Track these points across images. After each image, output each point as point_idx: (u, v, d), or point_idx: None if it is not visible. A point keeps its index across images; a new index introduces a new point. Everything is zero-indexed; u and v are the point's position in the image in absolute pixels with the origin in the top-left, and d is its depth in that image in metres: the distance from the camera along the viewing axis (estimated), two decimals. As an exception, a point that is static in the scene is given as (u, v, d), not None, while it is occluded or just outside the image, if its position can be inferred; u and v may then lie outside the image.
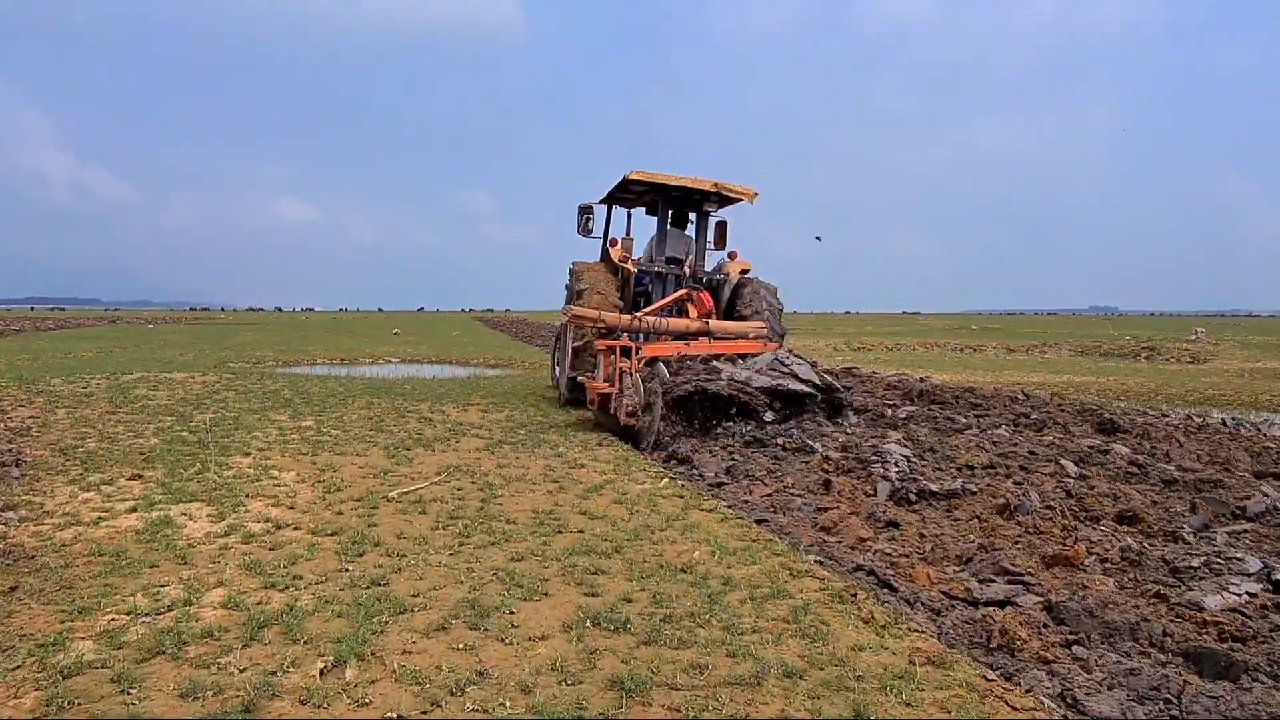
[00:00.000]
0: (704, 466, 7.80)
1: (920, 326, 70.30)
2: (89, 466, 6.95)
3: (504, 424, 10.10)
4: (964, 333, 53.63)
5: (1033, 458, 8.11)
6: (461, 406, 11.70)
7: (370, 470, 7.10)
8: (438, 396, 12.73)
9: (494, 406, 11.78)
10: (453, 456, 7.85)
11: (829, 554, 5.10)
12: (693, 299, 11.90)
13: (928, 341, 41.96)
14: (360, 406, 11.23)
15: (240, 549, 4.80)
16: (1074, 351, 35.75)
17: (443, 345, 32.46)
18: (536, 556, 4.73)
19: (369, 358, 25.82)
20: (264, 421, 9.70)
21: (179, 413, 10.23)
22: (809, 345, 38.37)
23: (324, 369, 21.56)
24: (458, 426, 9.72)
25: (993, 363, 26.67)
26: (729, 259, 13.12)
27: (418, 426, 9.65)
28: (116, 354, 23.85)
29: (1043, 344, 39.93)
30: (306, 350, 27.86)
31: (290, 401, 11.58)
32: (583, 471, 7.33)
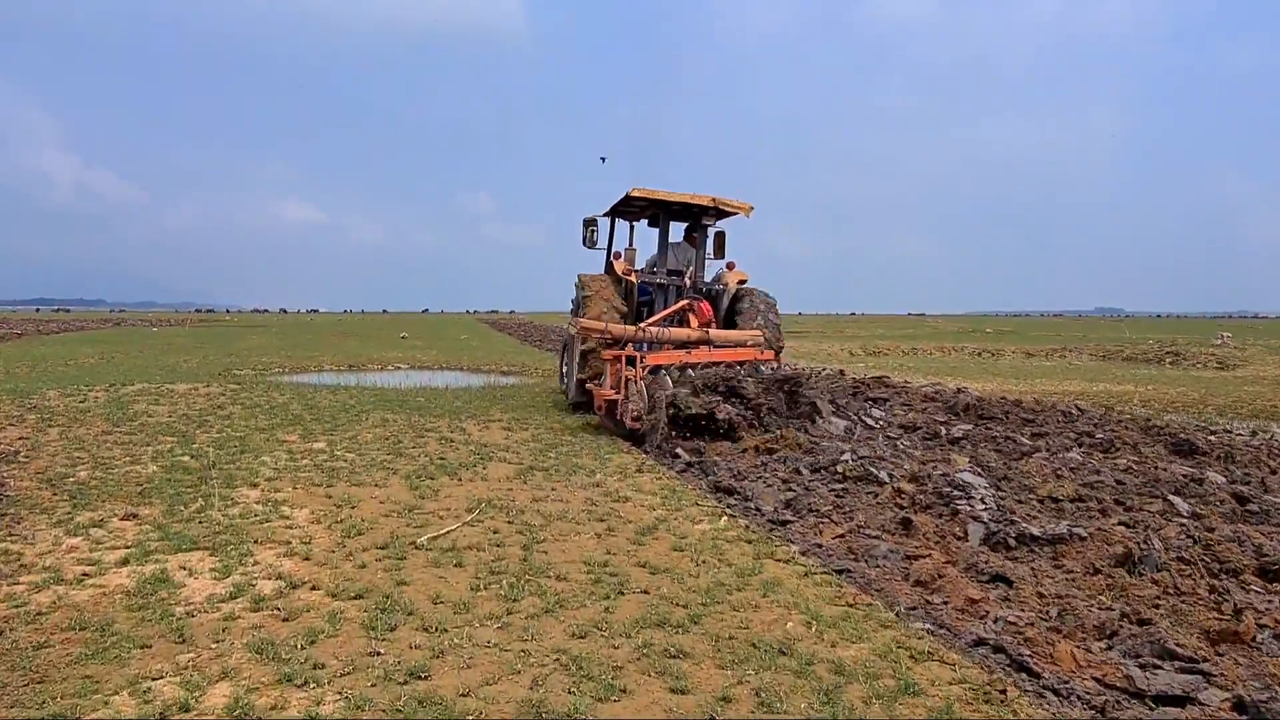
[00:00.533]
0: (759, 499, 7.03)
1: (930, 329, 69.46)
2: (79, 502, 6.21)
3: (531, 445, 9.34)
4: (978, 336, 52.79)
5: (1121, 488, 7.33)
6: (482, 423, 10.95)
7: (392, 506, 6.34)
8: (455, 411, 11.98)
9: (517, 423, 11.03)
10: (481, 488, 7.10)
11: (937, 619, 4.34)
12: (693, 309, 12.36)
13: (943, 345, 41.11)
14: (374, 424, 10.48)
15: (249, 619, 4.04)
16: (1095, 356, 34.89)
17: (452, 350, 31.72)
18: (601, 631, 3.97)
19: (377, 364, 25.11)
20: (272, 443, 8.95)
21: (180, 432, 9.48)
22: (822, 349, 37.59)
23: (332, 377, 20.84)
24: (482, 449, 8.96)
25: (1020, 369, 25.80)
26: (727, 269, 13.65)
27: (439, 449, 8.90)
28: (118, 360, 23.15)
29: (1062, 348, 39.11)
30: (313, 356, 27.15)
31: (299, 418, 10.84)
32: (628, 506, 6.57)
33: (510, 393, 15.68)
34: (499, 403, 13.50)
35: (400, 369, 24.14)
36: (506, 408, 12.77)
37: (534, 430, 10.49)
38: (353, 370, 23.53)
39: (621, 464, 8.37)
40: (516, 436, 9.95)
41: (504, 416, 11.65)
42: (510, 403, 13.61)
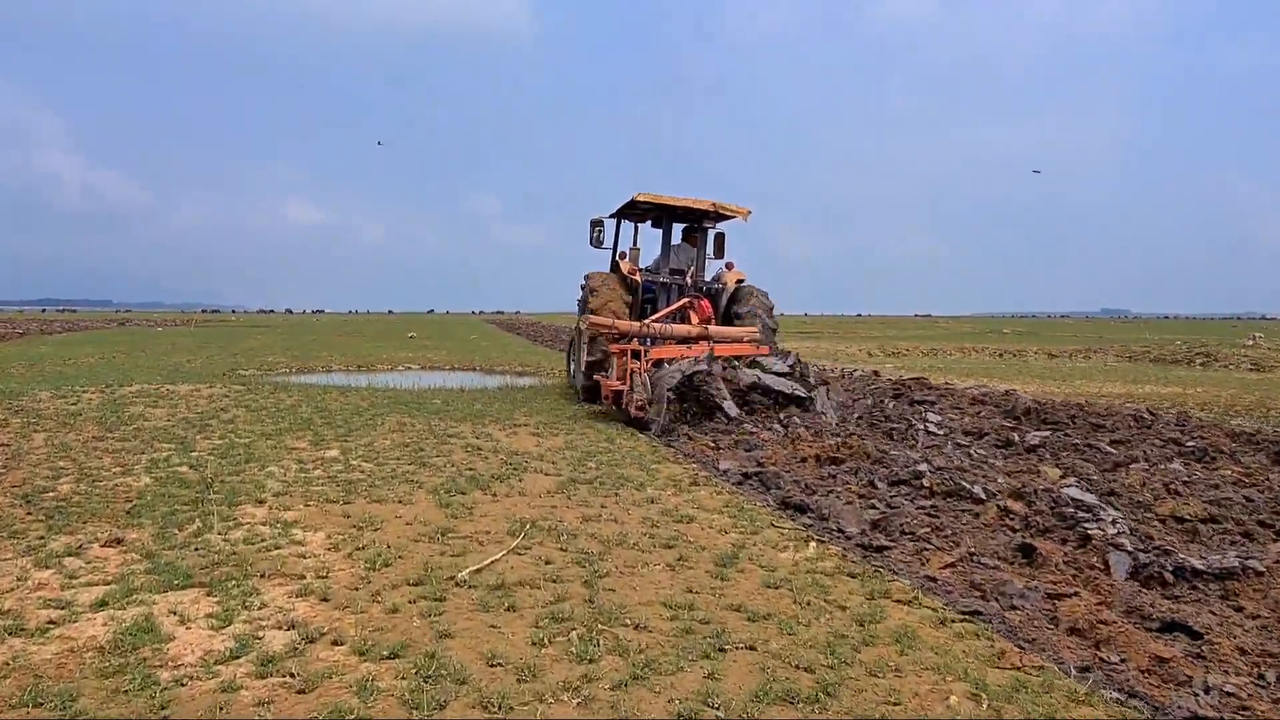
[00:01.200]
0: (839, 518, 6.10)
1: (941, 330, 68.42)
2: (56, 523, 5.30)
3: (567, 454, 8.42)
4: (994, 337, 51.76)
5: (1251, 505, 6.40)
6: (508, 428, 10.05)
7: (421, 527, 5.43)
8: (477, 414, 11.08)
9: (545, 428, 10.12)
10: (521, 504, 6.18)
11: (1124, 684, 3.41)
12: (694, 306, 12.98)
13: (962, 346, 40.10)
14: (392, 429, 9.58)
15: (254, 691, 3.12)
16: (1121, 357, 33.87)
17: (463, 350, 30.83)
18: (712, 706, 3.05)
19: (387, 364, 24.24)
20: (280, 451, 8.05)
21: (179, 438, 8.58)
22: (840, 350, 36.63)
23: (341, 377, 19.96)
24: (513, 457, 8.05)
25: (1054, 370, 24.79)
26: (726, 269, 14.17)
27: (465, 457, 7.98)
28: (119, 360, 22.30)
29: (1086, 349, 38.10)
30: (321, 356, 26.30)
31: (309, 421, 9.94)
32: (695, 528, 5.64)
33: (531, 394, 14.78)
34: (521, 405, 12.59)
35: (411, 369, 23.27)
36: (531, 411, 11.86)
37: (566, 436, 9.58)
38: (362, 370, 22.67)
39: (672, 475, 7.45)
40: (548, 443, 9.03)
41: (530, 420, 10.74)
42: (534, 405, 12.70)
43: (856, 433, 9.53)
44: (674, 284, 13.84)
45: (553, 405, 12.76)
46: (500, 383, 18.78)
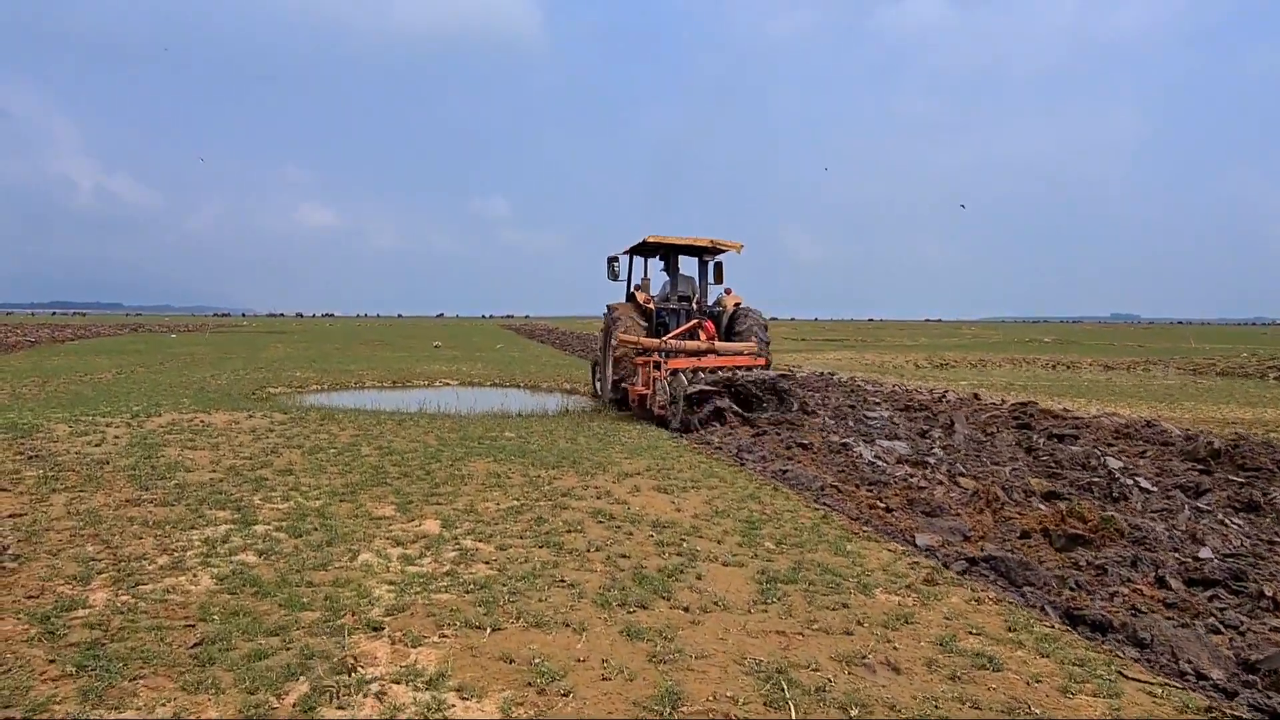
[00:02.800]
0: (1178, 648, 4.34)
1: (969, 337, 66.39)
2: (91, 683, 3.57)
3: (720, 521, 6.68)
4: (1034, 346, 49.85)
5: None
6: (619, 478, 8.32)
7: (626, 685, 3.67)
8: (570, 457, 9.36)
9: (662, 476, 8.41)
10: (732, 627, 4.42)
11: None
12: (701, 326, 14.92)
13: (1013, 357, 38.19)
14: (483, 482, 7.84)
15: None
16: (1183, 370, 31.98)
17: (498, 363, 29.13)
18: None
19: (424, 379, 22.57)
20: (365, 523, 6.30)
21: (233, 501, 6.84)
22: (886, 360, 34.80)
23: (380, 396, 18.26)
24: (661, 531, 6.30)
25: (1141, 388, 22.88)
26: (725, 294, 16.25)
27: (603, 533, 6.23)
28: (139, 375, 20.65)
29: (1144, 361, 36.16)
30: (349, 370, 24.62)
31: (380, 471, 8.21)
32: (1012, 681, 3.89)
33: (604, 422, 13.04)
34: (608, 440, 10.86)
35: (450, 385, 21.59)
36: (626, 449, 10.13)
37: (696, 491, 7.83)
38: (399, 386, 21.00)
39: (887, 564, 5.68)
40: (686, 504, 7.29)
41: (636, 465, 9.01)
42: (619, 438, 10.98)
43: (1051, 488, 7.75)
44: (682, 309, 16.10)
45: (641, 440, 11.03)
46: (557, 403, 17.06)
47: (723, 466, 9.34)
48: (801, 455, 10.19)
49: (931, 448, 10.63)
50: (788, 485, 8.43)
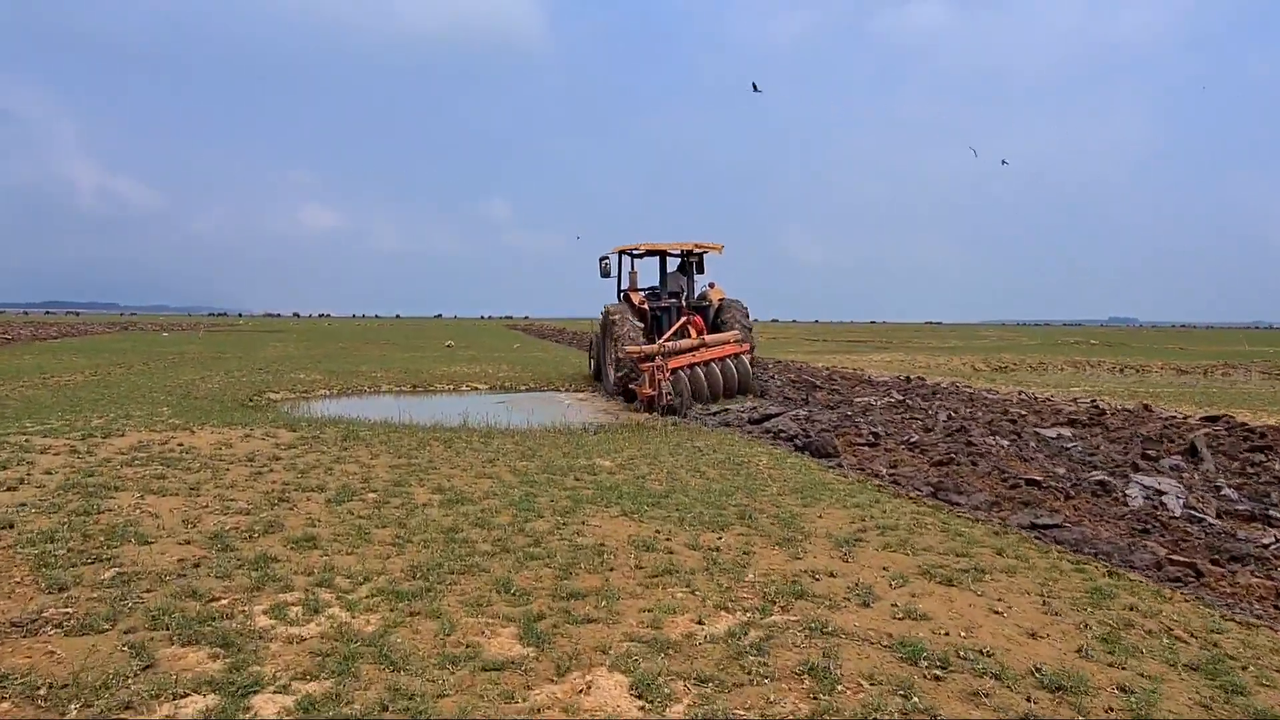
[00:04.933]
0: None
1: (997, 340, 63.19)
2: None
3: (1100, 645, 3.58)
4: (1082, 348, 46.67)
5: None
6: (834, 546, 5.20)
7: None
8: (715, 501, 6.25)
9: (885, 533, 5.31)
10: None
11: None
12: (691, 322, 16.54)
13: (1076, 360, 35.00)
14: (640, 563, 4.71)
15: None
16: (1266, 375, 28.88)
17: (519, 362, 25.86)
18: None
19: (447, 383, 19.36)
20: (480, 686, 3.17)
21: (214, 627, 3.62)
22: (940, 363, 31.62)
23: (405, 404, 15.11)
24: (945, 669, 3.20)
25: (1259, 394, 19.70)
26: (710, 288, 17.65)
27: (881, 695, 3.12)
28: (115, 377, 17.44)
29: (1222, 364, 32.97)
30: (360, 370, 21.40)
31: (462, 541, 5.08)
32: None
33: (685, 435, 9.87)
34: (729, 466, 7.72)
35: (479, 390, 18.41)
36: (764, 479, 7.01)
37: (994, 583, 4.70)
38: (421, 391, 17.83)
39: None
40: (1020, 616, 4.17)
41: (831, 516, 5.89)
42: (740, 460, 7.82)
43: None
44: (673, 306, 17.43)
45: (753, 458, 7.89)
46: (607, 415, 13.92)
47: (954, 519, 6.22)
48: (1039, 497, 7.07)
49: (1216, 485, 7.51)
50: (1079, 553, 5.38)
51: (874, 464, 8.86)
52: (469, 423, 11.37)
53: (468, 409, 13.31)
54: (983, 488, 7.56)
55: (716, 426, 12.19)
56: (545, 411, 14.38)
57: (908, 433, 11.00)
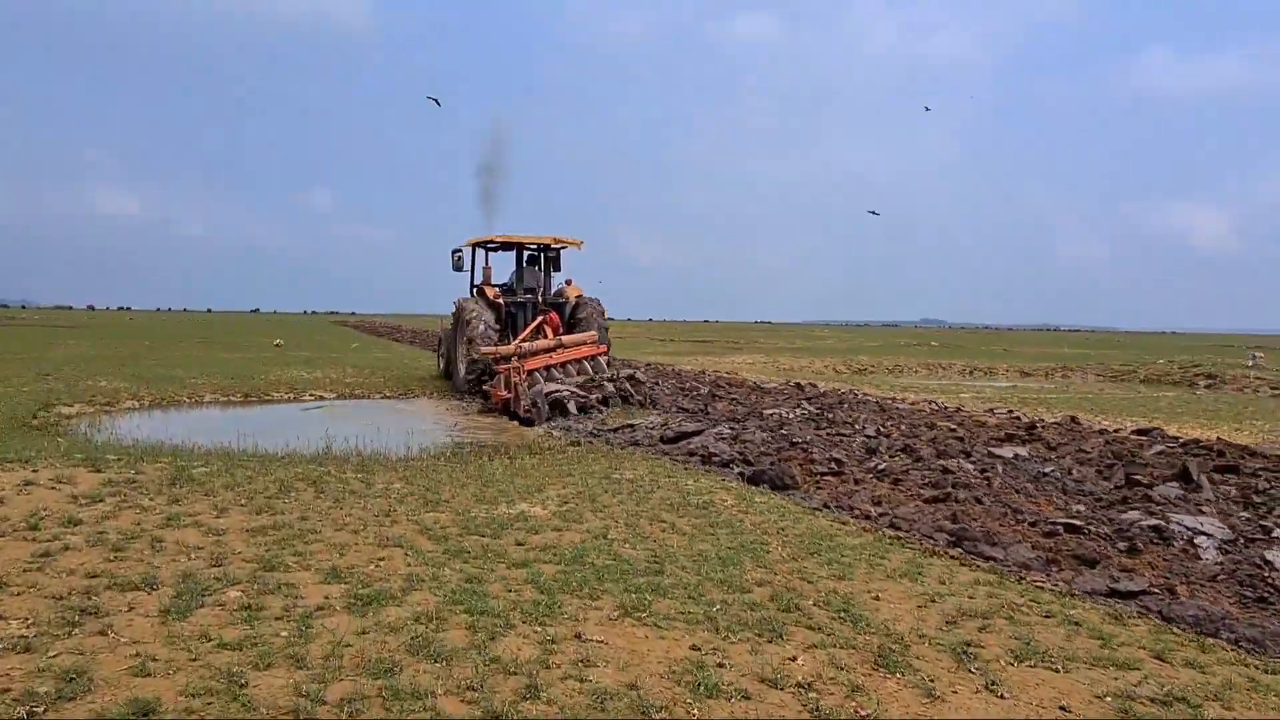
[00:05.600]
0: None
1: (832, 340, 64.86)
2: None
3: None
4: (923, 350, 48.27)
5: None
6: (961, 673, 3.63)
7: None
8: (732, 581, 4.58)
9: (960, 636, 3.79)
10: None
11: None
12: (548, 320, 16.44)
13: (928, 362, 35.80)
14: (656, 686, 2.97)
15: None
16: (1103, 377, 30.41)
17: (368, 367, 23.04)
18: None
19: (285, 389, 16.61)
20: None
21: None
22: (805, 365, 31.34)
23: (241, 418, 12.44)
24: None
25: (1130, 402, 20.08)
26: (566, 284, 17.54)
27: None
28: None
29: (1061, 367, 34.56)
30: (176, 376, 18.11)
31: (392, 676, 3.14)
32: None
33: (645, 465, 8.09)
34: (715, 516, 6.06)
35: (326, 399, 15.83)
36: (780, 561, 5.41)
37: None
38: (256, 402, 15.10)
39: None
40: None
41: (895, 599, 4.35)
42: (761, 548, 6.16)
43: None
44: (528, 302, 17.11)
45: (731, 517, 6.29)
46: (485, 430, 11.93)
47: (1038, 593, 4.80)
48: (1091, 549, 5.80)
49: (1263, 525, 6.52)
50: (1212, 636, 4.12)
51: (853, 499, 7.42)
52: (333, 448, 9.10)
53: (324, 427, 10.91)
54: (1009, 534, 6.23)
55: (625, 446, 10.49)
56: (407, 423, 12.17)
57: (847, 452, 9.71)
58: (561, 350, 14.68)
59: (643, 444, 10.80)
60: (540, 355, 14.43)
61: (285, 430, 10.87)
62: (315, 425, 11.40)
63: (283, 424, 12.23)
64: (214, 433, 10.19)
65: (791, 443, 10.15)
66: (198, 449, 8.67)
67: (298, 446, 9.16)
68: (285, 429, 11.06)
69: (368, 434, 10.22)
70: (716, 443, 10.30)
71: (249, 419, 12.81)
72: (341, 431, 10.24)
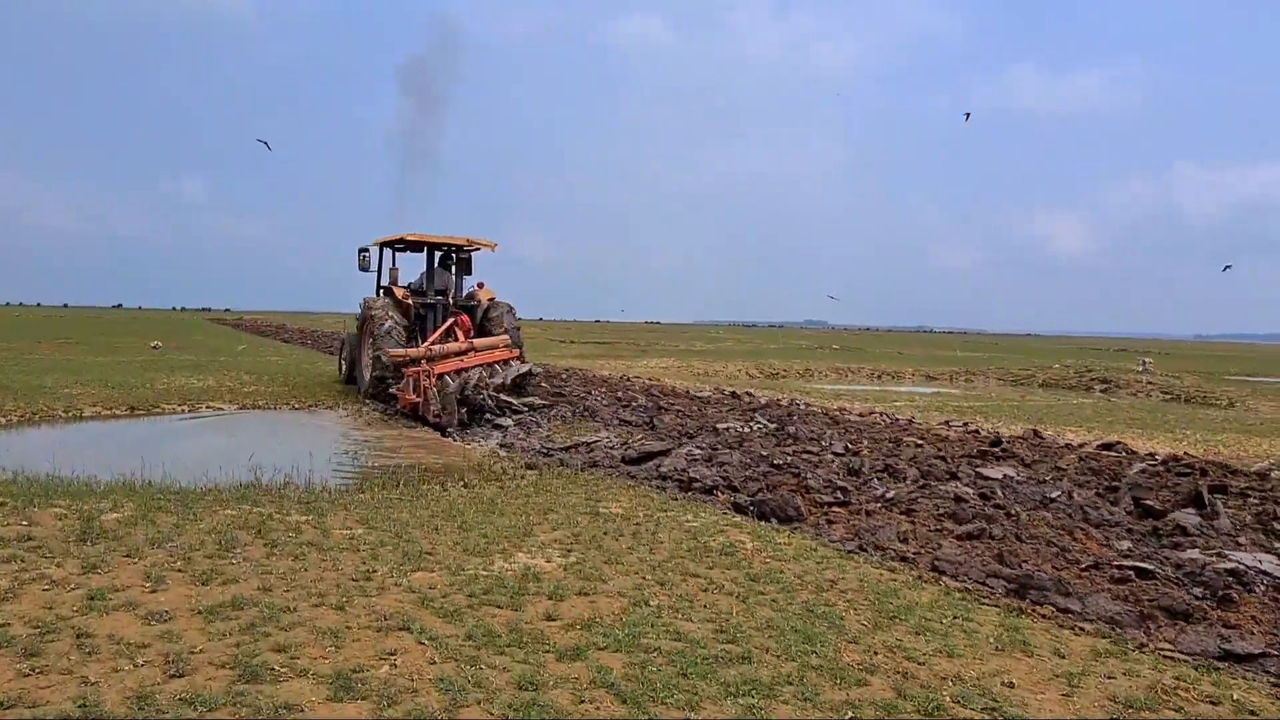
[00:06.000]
0: None
1: (733, 342, 65.07)
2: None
3: None
4: (825, 353, 48.83)
5: None
6: None
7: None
8: (829, 696, 3.74)
9: None
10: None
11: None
12: (459, 323, 15.90)
13: (836, 366, 36.04)
14: None
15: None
16: (1005, 382, 31.31)
17: (262, 372, 21.11)
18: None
19: (178, 401, 14.81)
20: None
21: None
22: (719, 370, 30.96)
23: (132, 437, 10.79)
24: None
25: (1054, 410, 20.38)
26: (478, 287, 17.03)
27: None
28: None
29: (965, 371, 35.45)
30: (41, 387, 15.94)
31: None
32: None
33: (625, 507, 7.16)
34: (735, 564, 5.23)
35: (223, 411, 14.18)
36: (866, 631, 4.63)
37: None
38: (143, 415, 13.33)
39: None
40: None
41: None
42: (831, 612, 5.32)
43: None
44: (439, 304, 16.54)
45: (766, 567, 5.49)
46: (427, 450, 10.76)
47: (1195, 673, 4.15)
48: (1175, 597, 5.22)
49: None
50: None
51: (876, 536, 6.69)
52: (261, 478, 7.78)
53: (237, 447, 9.47)
54: (1073, 579, 5.61)
55: (585, 468, 9.53)
56: (329, 440, 10.82)
57: (829, 473, 9.03)
58: (474, 354, 14.31)
59: (603, 464, 9.86)
60: (452, 359, 14.02)
61: (191, 453, 9.40)
62: (223, 445, 9.94)
63: (185, 444, 10.69)
64: (109, 458, 8.66)
65: (774, 465, 9.39)
66: (97, 483, 7.21)
67: (217, 476, 7.80)
68: (191, 451, 9.59)
69: (289, 455, 8.90)
70: (691, 465, 9.45)
71: (144, 439, 11.15)
72: (258, 452, 8.88)
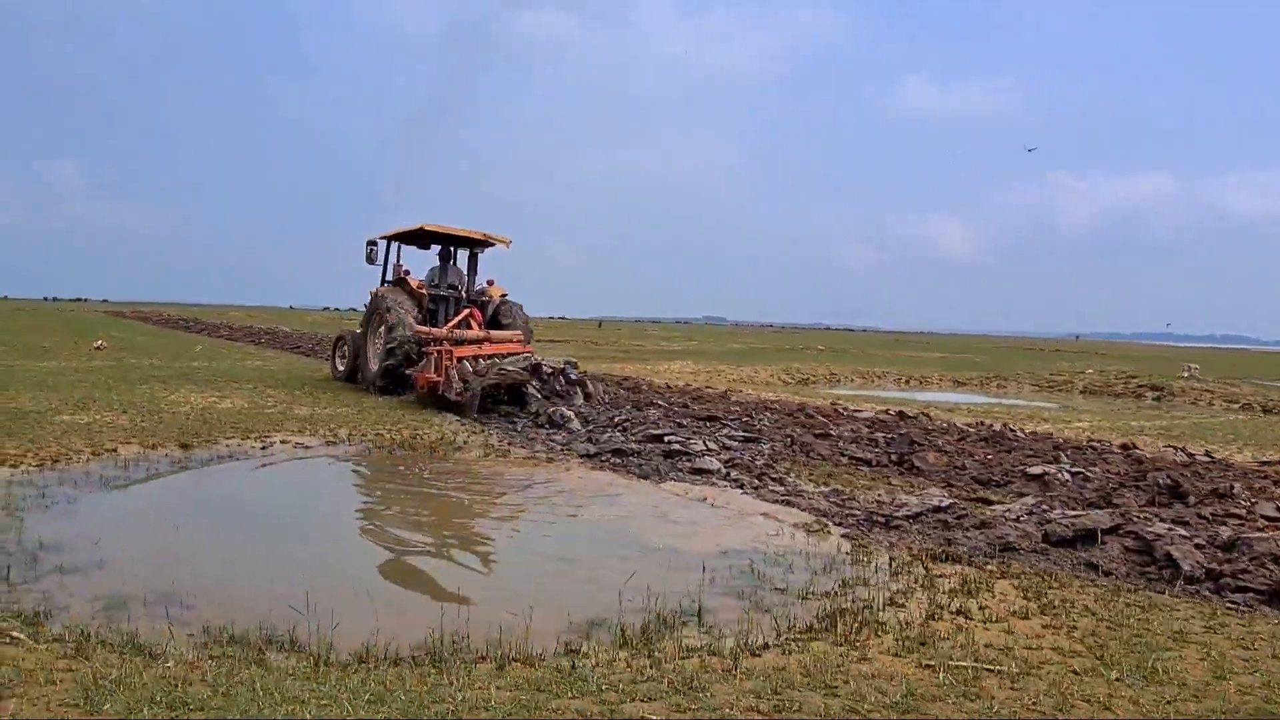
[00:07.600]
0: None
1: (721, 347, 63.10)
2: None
3: None
4: (809, 354, 47.08)
5: None
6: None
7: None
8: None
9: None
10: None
11: None
12: (473, 315, 16.14)
13: (862, 371, 33.81)
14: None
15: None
16: (1039, 389, 30.09)
17: (232, 378, 17.11)
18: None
19: (231, 429, 11.34)
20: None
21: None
22: (745, 375, 28.62)
23: (218, 501, 7.64)
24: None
25: (1164, 429, 18.17)
26: (489, 284, 17.56)
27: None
28: None
29: (995, 376, 33.44)
30: (24, 412, 11.91)
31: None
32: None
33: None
34: None
35: (310, 449, 10.93)
36: None
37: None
38: (202, 454, 10.02)
39: None
40: None
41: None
42: None
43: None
44: (451, 297, 17.03)
45: None
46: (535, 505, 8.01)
47: None
48: None
49: None
50: None
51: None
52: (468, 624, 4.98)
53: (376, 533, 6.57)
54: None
55: (996, 554, 7.01)
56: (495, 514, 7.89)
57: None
58: (489, 344, 14.66)
59: (1021, 549, 7.21)
60: (470, 345, 14.38)
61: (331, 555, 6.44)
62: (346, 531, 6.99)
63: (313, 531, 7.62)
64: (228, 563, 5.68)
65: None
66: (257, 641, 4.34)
67: (394, 625, 4.96)
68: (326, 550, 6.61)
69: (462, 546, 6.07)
70: (1175, 543, 6.95)
71: (255, 516, 8.01)
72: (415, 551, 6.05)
